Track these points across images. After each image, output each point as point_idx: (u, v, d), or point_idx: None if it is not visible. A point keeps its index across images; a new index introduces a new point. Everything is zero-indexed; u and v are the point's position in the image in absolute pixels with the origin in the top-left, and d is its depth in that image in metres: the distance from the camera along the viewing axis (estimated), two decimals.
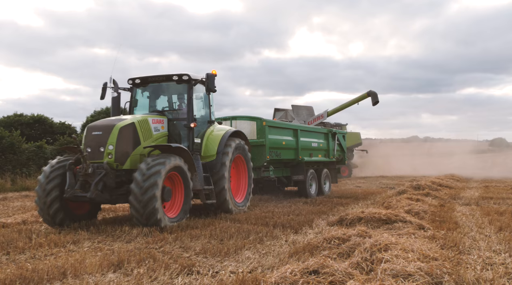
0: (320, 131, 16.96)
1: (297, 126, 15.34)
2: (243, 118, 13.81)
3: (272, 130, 13.64)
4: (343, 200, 13.87)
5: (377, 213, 8.65)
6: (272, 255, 6.29)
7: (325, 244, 6.63)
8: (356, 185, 22.53)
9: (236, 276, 5.08)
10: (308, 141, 15.57)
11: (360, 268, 5.12)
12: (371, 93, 24.79)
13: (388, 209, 9.70)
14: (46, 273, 5.14)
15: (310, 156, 15.48)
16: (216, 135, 10.79)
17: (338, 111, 26.05)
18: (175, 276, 5.21)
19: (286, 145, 14.23)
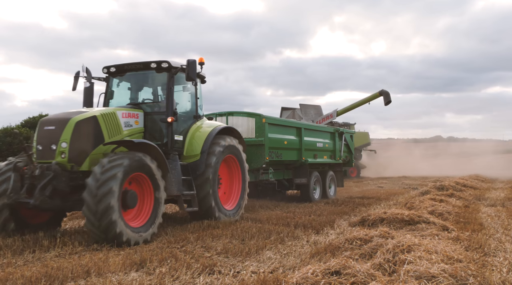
0: (326, 130, 15.71)
1: (301, 124, 14.08)
2: (241, 114, 12.50)
3: (272, 128, 12.37)
4: (365, 201, 13.76)
5: (399, 213, 8.56)
6: (293, 256, 6.28)
7: (347, 244, 6.58)
8: (378, 185, 22.32)
9: (257, 276, 5.08)
10: (312, 141, 14.33)
11: (383, 269, 5.06)
12: (383, 93, 24.15)
13: (411, 210, 9.58)
14: (71, 272, 5.22)
15: (314, 158, 14.23)
16: (202, 132, 9.43)
17: (348, 110, 25.62)
18: (196, 275, 5.24)
19: (288, 145, 13.03)
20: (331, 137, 15.70)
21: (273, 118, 12.70)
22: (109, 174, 6.89)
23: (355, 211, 11.22)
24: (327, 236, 7.76)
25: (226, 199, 10.06)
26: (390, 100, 24.16)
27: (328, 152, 15.43)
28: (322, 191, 14.74)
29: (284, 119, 13.63)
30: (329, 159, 15.37)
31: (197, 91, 9.73)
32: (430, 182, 18.83)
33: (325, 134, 15.39)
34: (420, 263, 4.89)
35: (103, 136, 7.83)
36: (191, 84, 9.60)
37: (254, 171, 12.03)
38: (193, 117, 9.60)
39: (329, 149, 15.47)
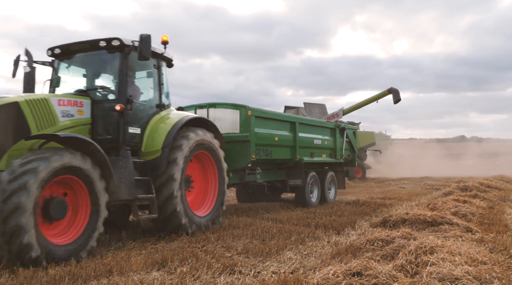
0: (325, 125, 14.02)
1: (295, 118, 12.45)
2: (224, 106, 10.82)
3: (260, 121, 10.73)
4: (387, 201, 13.62)
5: (422, 214, 8.45)
6: (314, 256, 6.25)
7: (368, 245, 6.53)
8: (400, 186, 22.08)
9: (278, 276, 5.07)
10: (309, 138, 12.73)
11: (405, 271, 5.01)
12: (393, 91, 23.36)
13: (433, 211, 9.45)
14: (93, 270, 5.29)
15: (311, 156, 12.67)
16: (167, 124, 7.98)
17: (355, 109, 24.98)
18: (217, 275, 5.26)
19: (279, 141, 11.39)
20: (331, 133, 14.14)
21: (261, 110, 10.86)
22: (17, 184, 5.41)
23: (377, 212, 11.12)
24: (348, 237, 7.71)
25: (199, 203, 8.67)
26: (399, 98, 23.52)
27: (328, 150, 13.81)
28: (321, 194, 13.34)
29: (274, 111, 11.49)
30: (328, 158, 13.81)
31: (161, 76, 8.38)
32: (453, 183, 18.54)
33: (324, 130, 13.77)
34: (443, 265, 4.82)
35: (29, 128, 6.34)
36: (154, 68, 8.24)
37: (239, 171, 10.61)
38: (156, 106, 8.18)
39: (329, 147, 13.86)
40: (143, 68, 8.18)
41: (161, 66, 8.39)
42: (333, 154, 14.07)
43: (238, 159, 10.34)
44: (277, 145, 11.32)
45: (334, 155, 14.09)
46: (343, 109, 24.57)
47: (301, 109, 25.19)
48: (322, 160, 13.44)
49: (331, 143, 13.99)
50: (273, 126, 11.29)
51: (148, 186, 7.46)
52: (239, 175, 10.67)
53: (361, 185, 23.25)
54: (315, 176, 13.04)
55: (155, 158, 7.66)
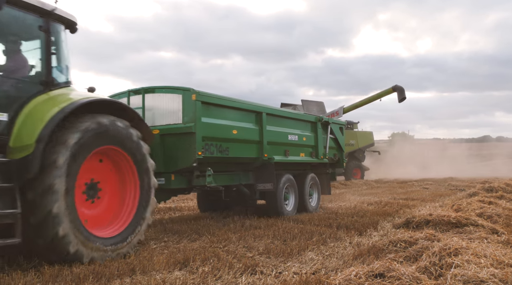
0: (303, 118, 11.78)
1: (261, 108, 9.96)
2: (163, 90, 8.72)
3: (210, 109, 8.53)
4: (409, 202, 13.46)
5: (446, 216, 8.32)
6: (336, 257, 6.21)
7: (390, 247, 6.46)
8: (423, 186, 21.79)
9: (299, 277, 5.06)
10: (281, 132, 10.53)
11: (428, 272, 4.94)
12: (397, 88, 22.71)
13: (458, 212, 9.30)
14: (117, 269, 5.36)
15: (285, 155, 10.54)
16: (51, 109, 5.67)
17: (357, 107, 24.39)
18: (239, 275, 5.27)
19: (240, 135, 9.15)
20: (311, 128, 11.92)
21: (212, 95, 8.64)
22: None
23: (399, 213, 11.00)
24: (370, 238, 7.64)
25: (110, 219, 6.44)
26: (404, 97, 22.72)
27: (307, 148, 11.62)
28: (299, 201, 11.15)
29: (231, 98, 9.22)
30: (308, 158, 11.61)
31: (53, 42, 6.19)
32: (478, 184, 18.22)
33: (301, 123, 11.58)
34: (468, 267, 4.74)
35: None
36: (41, 31, 6.04)
37: (186, 173, 8.53)
38: (40, 84, 5.96)
39: (308, 144, 11.65)
40: (23, 31, 6.07)
41: (53, 29, 6.18)
42: (314, 153, 11.85)
43: (181, 157, 8.21)
44: (236, 140, 9.08)
45: (315, 154, 11.87)
46: (344, 107, 23.94)
47: (298, 106, 24.58)
48: (300, 160, 11.30)
49: (312, 140, 11.80)
50: (230, 116, 9.08)
51: (12, 198, 5.19)
52: (185, 178, 8.59)
53: (384, 185, 23.02)
54: (291, 180, 10.84)
55: (24, 156, 5.37)
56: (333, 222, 9.17)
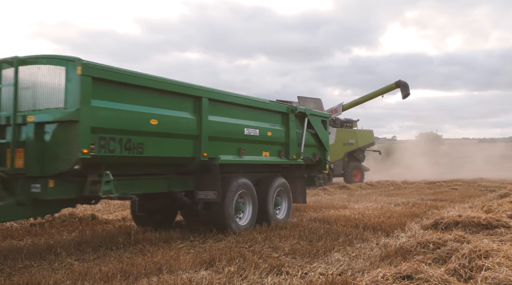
0: (268, 107, 9.18)
1: (202, 91, 7.57)
2: (42, 60, 6.22)
3: (108, 89, 6.14)
4: (438, 203, 13.23)
5: (476, 217, 8.16)
6: (362, 258, 6.16)
7: (418, 248, 6.37)
8: (452, 187, 21.38)
9: (325, 278, 5.03)
10: (233, 125, 8.24)
11: (458, 275, 4.85)
12: (401, 84, 21.74)
13: (488, 213, 9.10)
14: (144, 268, 5.43)
15: (238, 154, 8.27)
16: None
17: (357, 104, 23.53)
18: (264, 275, 5.27)
19: (162, 127, 6.81)
20: (281, 120, 9.56)
21: (110, 68, 6.20)
22: None
23: (427, 214, 10.82)
24: (398, 239, 7.54)
25: None
26: (408, 93, 21.67)
27: (274, 145, 9.26)
28: (260, 212, 8.79)
29: (146, 74, 6.76)
30: (275, 158, 9.26)
31: None
32: (509, 185, 17.79)
33: (265, 114, 9.11)
34: (499, 270, 4.63)
35: None
36: None
37: (73, 177, 6.12)
38: None
39: (276, 141, 9.28)
40: None
41: None
42: (285, 152, 9.50)
43: (61, 155, 5.92)
44: (156, 133, 6.75)
45: (285, 153, 9.53)
46: (343, 104, 23.02)
47: (294, 104, 24.08)
48: (262, 161, 8.99)
49: (281, 136, 9.42)
50: (146, 100, 6.70)
51: None
52: (73, 185, 6.20)
53: (411, 186, 22.68)
54: (247, 186, 8.48)
55: None
56: (360, 222, 9.08)
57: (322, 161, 10.96)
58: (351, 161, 25.71)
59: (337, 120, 25.33)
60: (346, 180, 25.16)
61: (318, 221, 9.34)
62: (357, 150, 25.88)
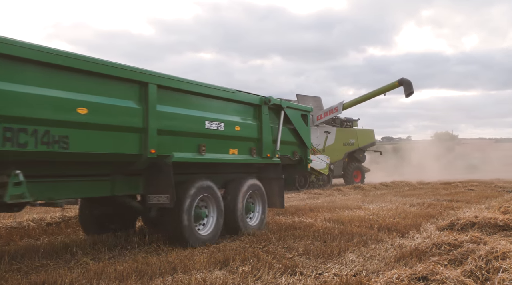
0: (235, 97, 7.97)
1: (149, 76, 6.39)
2: None
3: (11, 67, 4.91)
4: (454, 204, 13.09)
5: (492, 218, 8.07)
6: (377, 259, 6.12)
7: (434, 249, 6.31)
8: (468, 188, 21.14)
9: (340, 278, 5.01)
10: (190, 117, 7.03)
11: (474, 276, 4.79)
12: (404, 82, 21.01)
13: (505, 215, 8.99)
14: (159, 267, 5.46)
15: (198, 151, 7.06)
16: None
17: (358, 103, 22.81)
18: (278, 276, 5.26)
19: (93, 117, 5.64)
20: (253, 113, 8.39)
21: (10, 41, 4.86)
22: None
23: (443, 215, 10.71)
24: (413, 240, 7.47)
25: None
26: (412, 91, 20.88)
27: (244, 141, 8.08)
28: (228, 219, 7.72)
29: (64, 51, 5.40)
30: (245, 156, 8.08)
31: None
32: None
33: (232, 105, 7.94)
34: None
35: None
36: None
37: None
38: None
39: (246, 136, 8.11)
40: None
41: None
42: (257, 150, 8.33)
43: None
44: (86, 124, 5.55)
45: (258, 151, 8.36)
46: (343, 103, 22.28)
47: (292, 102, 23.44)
48: (228, 159, 7.76)
49: (252, 131, 8.27)
50: (71, 83, 5.49)
51: None
52: None
53: (426, 186, 22.49)
54: (210, 189, 7.30)
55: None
56: (374, 223, 9.03)
57: (302, 160, 9.77)
58: (352, 161, 24.92)
59: (337, 119, 24.59)
60: (346, 181, 24.36)
61: (332, 222, 9.30)
62: (357, 150, 25.15)
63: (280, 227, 8.53)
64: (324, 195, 16.94)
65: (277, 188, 9.09)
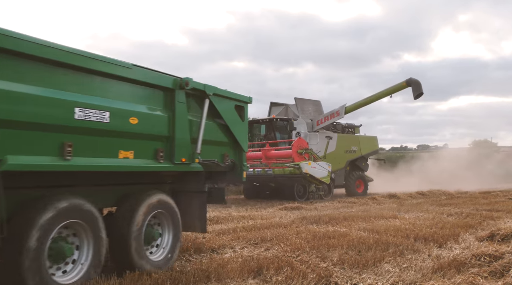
0: (134, 76, 5.61)
1: None
2: None
3: None
4: (494, 214, 12.69)
5: None
6: (413, 270, 5.98)
7: (473, 261, 6.13)
8: (509, 197, 20.46)
9: None
10: (44, 99, 4.52)
11: None
12: (412, 82, 19.46)
13: None
14: (193, 276, 5.49)
15: (60, 154, 4.66)
16: None
17: (362, 106, 21.02)
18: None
19: None
20: (161, 100, 6.12)
21: None
22: None
23: (483, 225, 10.39)
24: (451, 251, 7.28)
25: None
26: (421, 92, 19.25)
27: (147, 140, 5.82)
28: (116, 253, 5.74)
29: None
30: (146, 161, 5.81)
31: None
32: None
33: (128, 87, 5.65)
34: None
35: None
36: None
37: None
38: None
39: (150, 133, 5.85)
40: None
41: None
42: (165, 152, 6.05)
43: None
44: None
45: (168, 153, 6.10)
46: (345, 107, 20.59)
47: (291, 106, 21.45)
48: (115, 166, 5.37)
49: (158, 125, 5.96)
50: None
51: None
52: None
53: (465, 195, 21.90)
54: (80, 212, 4.95)
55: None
56: (410, 233, 8.84)
57: (236, 166, 7.53)
58: (354, 170, 22.51)
59: (338, 125, 22.68)
60: (348, 191, 22.04)
61: (367, 231, 9.17)
62: (360, 158, 22.87)
63: (314, 236, 8.46)
64: (358, 204, 16.72)
65: (198, 206, 6.83)
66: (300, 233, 8.86)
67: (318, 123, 20.42)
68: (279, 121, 20.96)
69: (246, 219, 11.79)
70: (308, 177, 17.27)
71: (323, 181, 18.06)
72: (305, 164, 17.03)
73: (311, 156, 17.77)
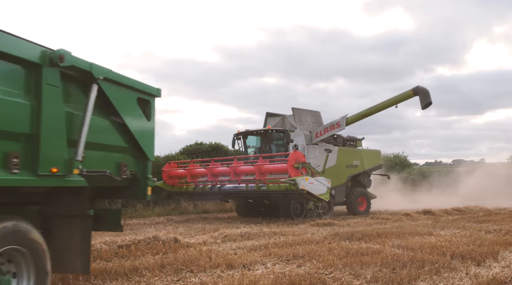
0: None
1: None
2: None
3: None
4: None
5: None
6: None
7: None
8: None
9: None
10: None
11: None
12: (420, 91, 18.33)
13: None
14: None
15: None
16: None
17: (365, 116, 19.69)
18: None
19: None
20: (22, 82, 4.14)
21: None
22: None
23: None
24: (490, 269, 7.03)
25: None
26: (430, 101, 18.21)
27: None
28: None
29: None
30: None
31: None
32: None
33: None
34: None
35: None
36: None
37: None
38: None
39: (0, 128, 3.77)
40: None
41: None
42: (22, 157, 4.01)
43: None
44: None
45: (25, 160, 4.06)
46: (347, 118, 19.33)
47: (288, 117, 20.13)
48: None
49: (10, 116, 3.91)
50: None
51: None
52: None
53: (503, 211, 21.21)
54: None
55: None
56: (447, 250, 8.60)
57: (139, 180, 5.86)
58: (356, 186, 20.65)
59: (339, 137, 21.03)
60: (349, 209, 20.36)
61: (401, 248, 8.97)
62: (362, 174, 21.08)
63: (347, 252, 8.33)
64: (392, 220, 16.41)
65: (79, 236, 4.75)
66: (333, 250, 8.74)
67: (317, 135, 19.07)
68: (274, 133, 19.35)
69: (277, 235, 11.72)
70: (305, 193, 15.44)
71: (321, 198, 16.28)
72: (302, 180, 15.17)
73: (309, 170, 16.09)
